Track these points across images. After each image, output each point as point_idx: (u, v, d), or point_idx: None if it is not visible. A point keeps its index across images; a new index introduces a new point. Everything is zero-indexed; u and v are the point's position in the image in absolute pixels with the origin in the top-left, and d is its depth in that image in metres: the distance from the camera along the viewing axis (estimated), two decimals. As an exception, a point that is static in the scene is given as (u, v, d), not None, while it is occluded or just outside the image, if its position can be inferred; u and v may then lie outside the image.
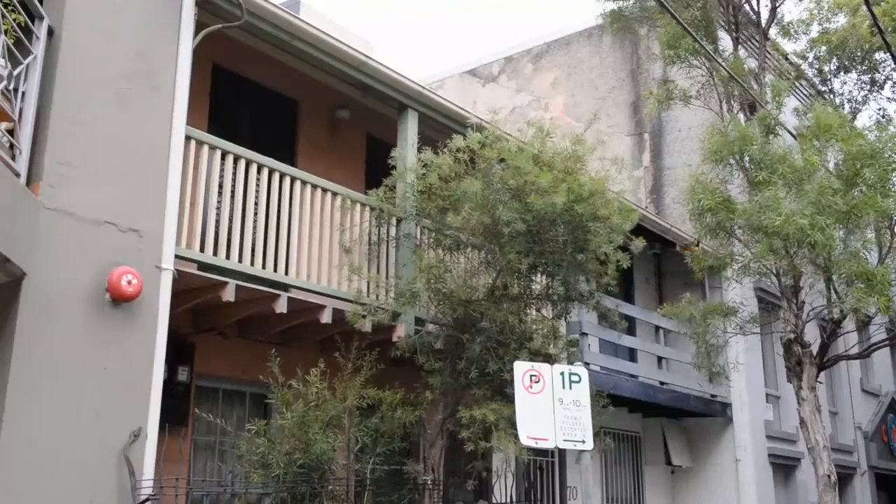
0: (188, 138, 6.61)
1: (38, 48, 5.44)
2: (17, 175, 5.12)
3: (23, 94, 5.26)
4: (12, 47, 5.07)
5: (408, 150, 8.31)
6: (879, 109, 17.24)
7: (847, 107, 16.00)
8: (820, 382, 10.69)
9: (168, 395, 6.23)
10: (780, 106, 10.87)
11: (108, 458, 5.47)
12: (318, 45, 7.78)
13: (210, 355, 7.55)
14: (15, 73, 5.08)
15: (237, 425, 7.28)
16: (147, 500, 5.58)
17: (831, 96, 16.16)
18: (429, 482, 7.48)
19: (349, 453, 6.75)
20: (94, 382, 5.51)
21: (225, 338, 7.72)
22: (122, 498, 5.47)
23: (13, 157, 5.10)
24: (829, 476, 9.73)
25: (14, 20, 5.10)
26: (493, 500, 8.25)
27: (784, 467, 14.46)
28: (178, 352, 7.14)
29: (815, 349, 10.38)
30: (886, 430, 18.26)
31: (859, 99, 16.12)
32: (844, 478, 15.84)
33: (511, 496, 8.34)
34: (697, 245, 11.26)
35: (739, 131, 9.89)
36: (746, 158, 10.20)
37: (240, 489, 6.59)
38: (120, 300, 5.66)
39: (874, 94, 16.13)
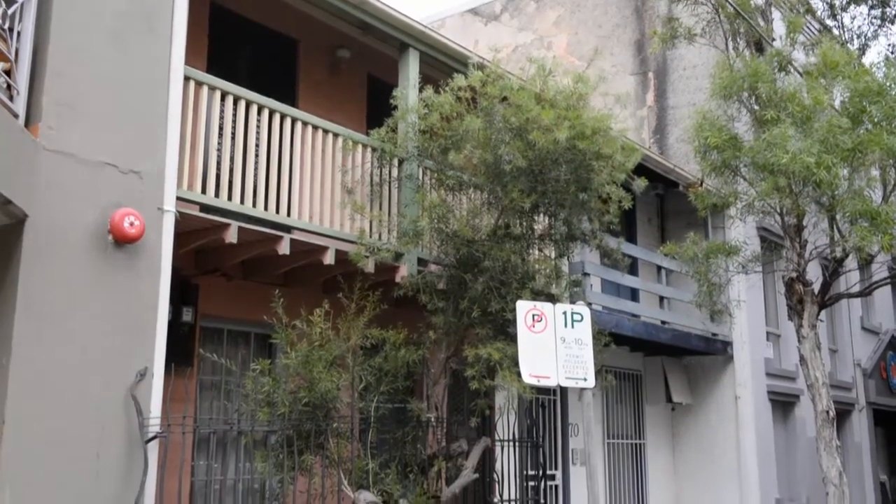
0: (187, 79, 6.54)
1: (32, -14, 5.35)
2: (16, 116, 5.09)
3: (18, 33, 5.19)
4: (5, -15, 4.99)
5: (409, 90, 8.22)
6: (889, 45, 17.01)
7: (856, 42, 15.77)
8: (821, 320, 10.76)
9: (173, 336, 6.28)
10: (794, 42, 10.69)
11: (116, 397, 5.56)
12: (317, -18, 7.64)
13: (214, 296, 7.60)
14: (9, 11, 5.01)
15: (242, 365, 7.36)
16: (155, 437, 5.68)
17: (840, 31, 15.88)
18: (432, 420, 7.59)
19: (353, 392, 6.84)
20: (100, 323, 5.56)
21: (228, 279, 7.76)
22: (130, 435, 5.57)
23: (11, 98, 5.06)
24: (827, 412, 9.85)
25: (6, -43, 5.01)
26: (496, 438, 8.38)
27: (783, 404, 14.65)
28: (182, 293, 7.19)
29: (816, 288, 10.42)
30: (885, 367, 18.44)
31: (869, 34, 15.87)
32: (843, 414, 16.06)
33: (514, 433, 8.47)
34: (701, 184, 11.21)
35: (751, 67, 9.74)
36: (754, 96, 10.08)
37: (246, 427, 6.70)
38: (123, 242, 5.67)
39: (884, 29, 15.88)
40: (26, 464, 5.07)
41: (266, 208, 7.08)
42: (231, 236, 6.68)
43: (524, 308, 6.47)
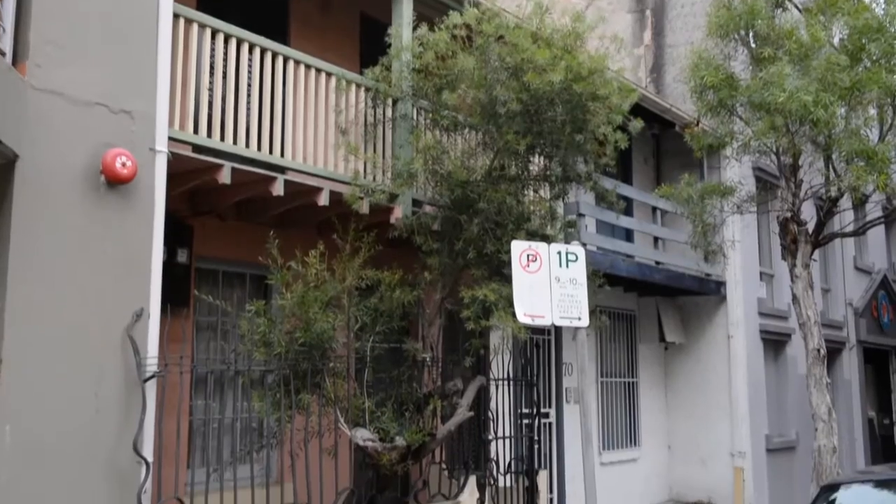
0: (176, 16, 6.42)
1: (15, -81, 5.21)
2: (3, 54, 5.01)
3: (2, -31, 5.07)
4: (-13, -82, 4.86)
5: (403, 29, 8.08)
6: (890, -19, 16.69)
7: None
8: (814, 260, 10.81)
9: (168, 277, 6.28)
10: (792, -23, 10.53)
11: (113, 338, 5.58)
12: (308, -84, 7.45)
13: (208, 238, 7.59)
14: (-8, -54, 4.89)
15: (238, 306, 7.39)
16: (152, 376, 5.73)
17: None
18: (427, 359, 7.66)
19: (349, 332, 6.88)
20: (95, 263, 5.55)
21: (223, 220, 7.74)
22: (128, 375, 5.61)
23: (-3, 36, 4.97)
24: (818, 350, 9.97)
25: None
26: (491, 377, 8.47)
27: (775, 343, 14.82)
28: (177, 234, 7.17)
29: (810, 227, 10.44)
30: (876, 307, 18.60)
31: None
32: (833, 352, 16.25)
33: (508, 372, 8.56)
34: (697, 124, 11.14)
35: (747, 4, 9.60)
36: (752, 34, 9.96)
37: (243, 367, 6.76)
38: (115, 182, 5.63)
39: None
40: (26, 403, 5.12)
41: (259, 149, 7.03)
42: (224, 177, 6.64)
43: (519, 248, 6.47)
